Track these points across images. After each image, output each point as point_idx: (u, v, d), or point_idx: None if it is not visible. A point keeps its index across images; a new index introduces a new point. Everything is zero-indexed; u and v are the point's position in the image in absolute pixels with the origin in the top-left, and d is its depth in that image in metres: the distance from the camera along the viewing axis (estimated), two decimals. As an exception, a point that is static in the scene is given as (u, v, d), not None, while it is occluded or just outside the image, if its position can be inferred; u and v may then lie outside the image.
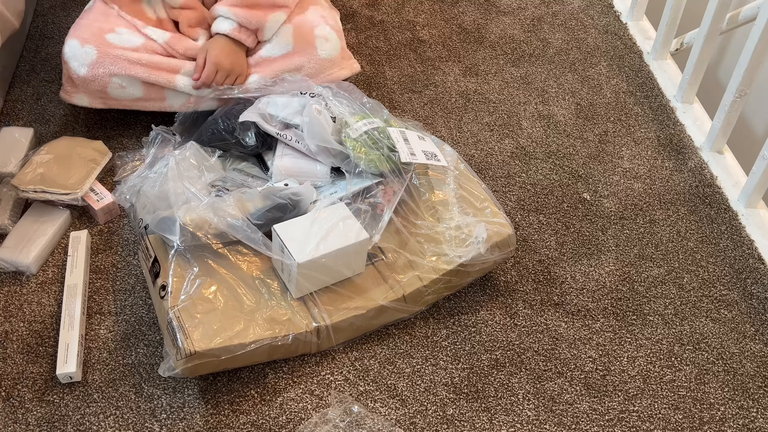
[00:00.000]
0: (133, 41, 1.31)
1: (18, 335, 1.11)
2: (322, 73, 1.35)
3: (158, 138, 1.27)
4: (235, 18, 1.30)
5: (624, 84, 1.61)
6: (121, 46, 1.29)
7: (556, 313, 1.20)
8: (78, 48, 1.27)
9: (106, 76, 1.28)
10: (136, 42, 1.31)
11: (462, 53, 1.65)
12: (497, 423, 1.06)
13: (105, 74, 1.27)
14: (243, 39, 1.32)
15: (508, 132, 1.49)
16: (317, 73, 1.34)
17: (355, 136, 1.20)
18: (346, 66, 1.38)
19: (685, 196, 1.40)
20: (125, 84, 1.29)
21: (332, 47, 1.35)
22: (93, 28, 1.30)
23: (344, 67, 1.38)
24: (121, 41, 1.30)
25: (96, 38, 1.28)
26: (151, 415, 1.04)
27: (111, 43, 1.29)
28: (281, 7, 1.34)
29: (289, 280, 1.09)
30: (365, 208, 1.17)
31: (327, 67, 1.35)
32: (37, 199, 1.24)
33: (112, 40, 1.29)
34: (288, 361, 1.10)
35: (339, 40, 1.37)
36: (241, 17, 1.30)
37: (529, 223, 1.32)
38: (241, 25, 1.31)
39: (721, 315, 1.22)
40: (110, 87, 1.29)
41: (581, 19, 1.76)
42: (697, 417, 1.09)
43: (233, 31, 1.31)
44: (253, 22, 1.31)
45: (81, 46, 1.27)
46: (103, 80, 1.28)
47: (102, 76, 1.28)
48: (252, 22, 1.31)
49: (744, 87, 1.36)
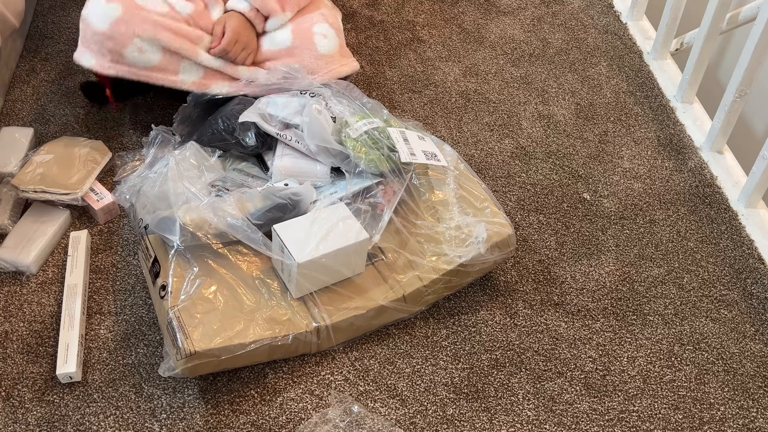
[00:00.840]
0: (159, 7, 1.30)
1: (18, 335, 1.11)
2: (321, 70, 1.35)
3: (158, 138, 1.27)
4: (252, 2, 1.33)
5: (624, 84, 1.61)
6: (148, 8, 1.27)
7: (556, 313, 1.20)
8: (102, 5, 1.25)
9: (128, 35, 1.24)
10: (162, 9, 1.30)
11: (462, 53, 1.65)
12: (497, 423, 1.06)
13: (128, 33, 1.24)
14: (257, 22, 1.35)
15: (508, 132, 1.49)
16: (316, 70, 1.34)
17: (355, 136, 1.20)
18: (346, 63, 1.38)
19: (685, 196, 1.40)
20: (146, 48, 1.26)
21: (331, 44, 1.35)
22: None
23: (344, 64, 1.37)
24: (147, 3, 1.28)
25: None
26: (151, 415, 1.04)
27: (138, 4, 1.27)
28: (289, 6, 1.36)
29: (289, 280, 1.09)
30: (365, 208, 1.17)
31: (326, 63, 1.35)
32: (37, 199, 1.24)
33: (140, 1, 1.28)
34: (288, 361, 1.10)
35: (338, 38, 1.37)
36: (258, 2, 1.33)
37: (529, 223, 1.32)
38: (256, 9, 1.34)
39: (721, 315, 1.22)
40: (128, 49, 1.25)
41: (581, 19, 1.76)
42: (697, 417, 1.09)
43: (249, 12, 1.34)
44: (267, 8, 1.34)
45: (106, 2, 1.25)
46: (124, 39, 1.24)
47: (124, 35, 1.24)
48: (266, 8, 1.34)
49: (744, 87, 1.36)
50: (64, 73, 1.49)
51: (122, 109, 1.43)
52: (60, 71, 1.50)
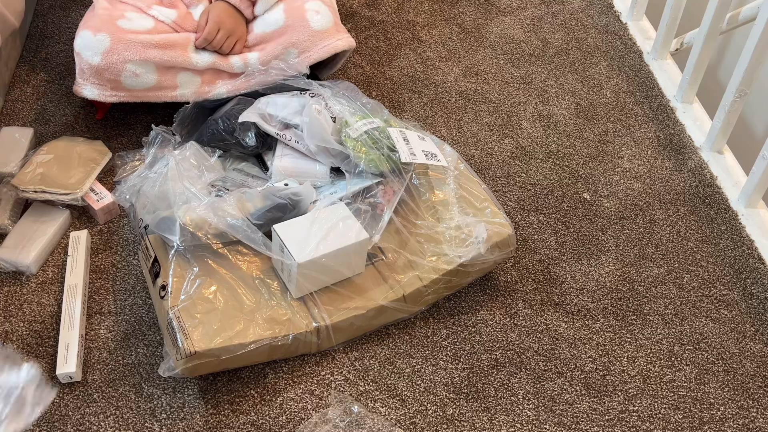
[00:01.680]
0: (144, 24, 1.30)
1: (18, 335, 1.11)
2: (316, 46, 1.33)
3: (158, 138, 1.27)
4: None
5: (624, 84, 1.61)
6: (133, 30, 1.28)
7: (556, 313, 1.20)
8: (90, 38, 1.26)
9: (120, 63, 1.26)
10: (147, 24, 1.30)
11: (462, 53, 1.65)
12: (497, 423, 1.06)
13: (119, 61, 1.26)
14: (243, 8, 1.34)
15: (508, 132, 1.49)
16: (311, 47, 1.33)
17: (355, 135, 1.20)
18: (341, 38, 1.36)
19: (685, 196, 1.40)
20: (139, 71, 1.27)
21: (324, 19, 1.34)
22: (103, 17, 1.29)
23: (340, 38, 1.36)
24: (132, 26, 1.29)
25: (108, 25, 1.27)
26: (151, 415, 1.04)
27: (123, 28, 1.28)
28: None
29: (289, 280, 1.09)
30: (365, 208, 1.17)
31: (321, 38, 1.33)
32: (37, 199, 1.24)
33: (124, 25, 1.28)
34: (288, 361, 1.10)
35: (331, 14, 1.36)
36: None
37: (529, 223, 1.32)
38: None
39: (721, 315, 1.22)
40: (124, 75, 1.27)
41: (581, 19, 1.76)
42: (697, 417, 1.09)
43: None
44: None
45: (94, 35, 1.26)
46: (117, 68, 1.26)
47: (116, 64, 1.26)
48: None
49: (744, 87, 1.36)
50: (64, 73, 1.49)
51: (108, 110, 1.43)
52: (60, 71, 1.50)
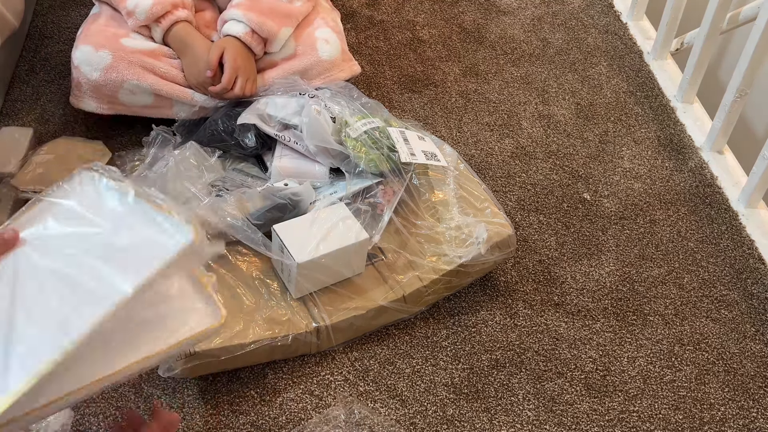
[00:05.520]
0: (147, 44, 1.30)
1: (18, 335, 1.11)
2: (322, 75, 1.35)
3: (158, 138, 1.27)
4: (249, 23, 1.28)
5: (624, 84, 1.61)
6: (136, 49, 1.28)
7: (556, 313, 1.20)
8: (92, 53, 1.26)
9: (118, 81, 1.26)
10: (150, 45, 1.30)
11: (462, 53, 1.65)
12: (497, 423, 1.06)
13: (118, 79, 1.26)
14: (253, 45, 1.29)
15: (508, 132, 1.48)
16: (318, 75, 1.34)
17: (355, 135, 1.20)
18: (346, 68, 1.38)
19: (685, 196, 1.40)
20: (137, 90, 1.27)
21: (333, 49, 1.35)
22: (107, 33, 1.29)
23: (343, 69, 1.37)
24: (135, 45, 1.29)
25: (111, 42, 1.27)
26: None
27: (126, 47, 1.27)
28: (292, 19, 1.33)
29: (289, 280, 1.09)
30: (365, 208, 1.17)
31: (327, 68, 1.35)
32: (37, 199, 1.24)
33: (128, 44, 1.28)
34: (288, 361, 1.10)
35: (339, 42, 1.37)
36: (255, 23, 1.28)
37: (529, 223, 1.32)
38: (253, 31, 1.29)
39: (722, 315, 1.22)
40: (121, 92, 1.28)
41: (581, 19, 1.76)
42: (698, 417, 1.09)
43: (246, 36, 1.28)
44: (265, 30, 1.29)
45: (96, 50, 1.26)
46: (115, 85, 1.26)
47: (114, 81, 1.26)
48: (264, 30, 1.29)
49: (744, 87, 1.36)
50: (64, 73, 1.49)
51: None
52: (60, 71, 1.50)
